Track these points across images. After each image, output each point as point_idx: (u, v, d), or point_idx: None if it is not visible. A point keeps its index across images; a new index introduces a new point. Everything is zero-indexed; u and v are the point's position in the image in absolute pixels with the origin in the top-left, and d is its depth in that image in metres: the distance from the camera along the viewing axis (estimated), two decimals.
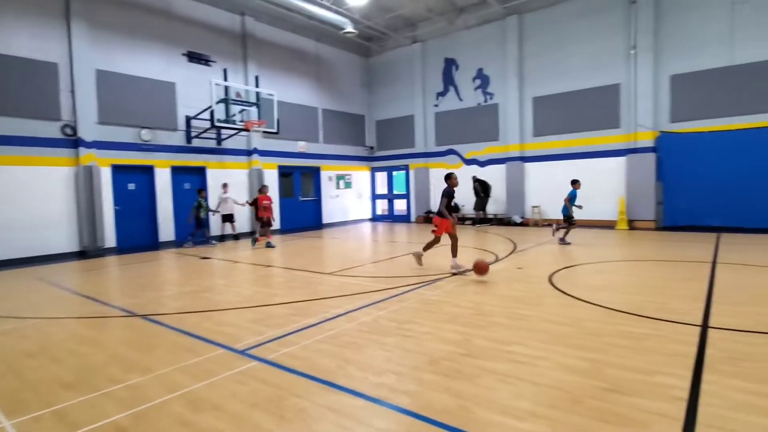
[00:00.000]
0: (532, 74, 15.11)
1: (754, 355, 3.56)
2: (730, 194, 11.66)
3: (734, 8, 11.60)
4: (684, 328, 4.26)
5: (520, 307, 5.15)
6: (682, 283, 6.19)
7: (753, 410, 2.72)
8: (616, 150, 13.56)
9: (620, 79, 13.41)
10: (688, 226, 12.20)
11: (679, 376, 3.20)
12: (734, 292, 5.58)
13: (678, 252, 8.76)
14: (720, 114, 11.94)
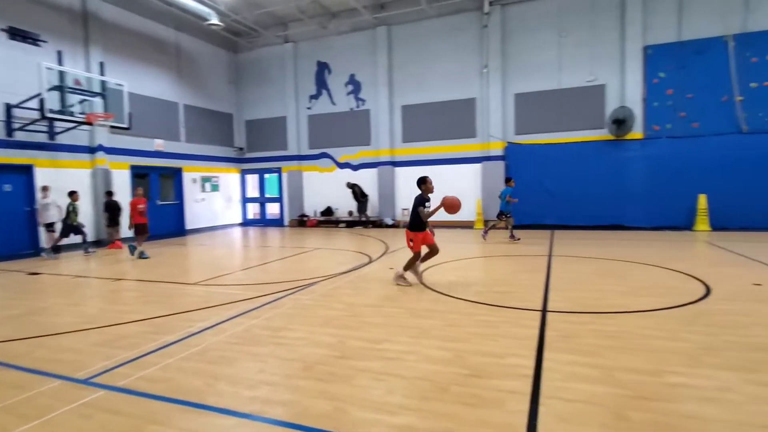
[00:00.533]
0: (401, 84, 15.98)
1: (581, 332, 4.25)
2: (562, 197, 13.81)
3: (560, 41, 13.80)
4: (528, 314, 4.89)
5: (392, 306, 5.38)
6: (526, 275, 7.11)
7: (582, 379, 3.24)
8: (474, 157, 15.06)
9: (475, 93, 14.95)
10: (530, 224, 14.10)
11: (525, 357, 3.66)
12: (565, 279, 6.60)
13: (522, 247, 10.06)
14: (553, 129, 14.08)
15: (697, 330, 4.21)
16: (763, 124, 11.99)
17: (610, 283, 6.32)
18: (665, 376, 3.24)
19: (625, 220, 13.12)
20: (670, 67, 12.74)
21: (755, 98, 12.04)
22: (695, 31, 12.46)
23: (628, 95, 13.07)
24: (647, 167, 12.95)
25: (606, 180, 13.29)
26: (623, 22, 13.06)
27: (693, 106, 12.60)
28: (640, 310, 4.90)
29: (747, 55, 12.03)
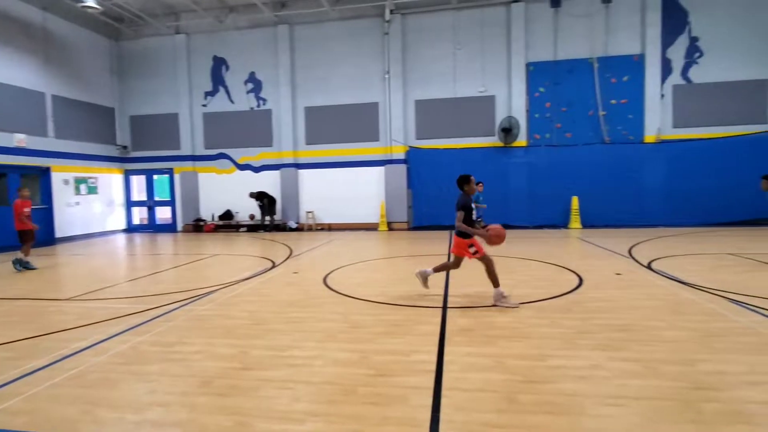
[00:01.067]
0: (304, 85, 15.75)
1: (476, 325, 4.56)
2: (453, 201, 14.68)
3: (455, 53, 14.72)
4: (430, 311, 5.12)
5: (297, 311, 5.27)
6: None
7: (479, 368, 3.47)
8: (377, 160, 15.38)
9: (378, 98, 15.30)
10: (432, 225, 14.80)
11: (428, 352, 3.83)
12: (462, 277, 7.02)
13: (424, 247, 10.51)
14: (450, 135, 14.94)
15: (572, 316, 4.75)
16: (621, 136, 13.99)
17: (501, 278, 6.86)
18: (548, 359, 3.61)
19: (511, 220, 14.38)
20: (548, 82, 14.28)
21: (614, 113, 14.01)
22: (567, 52, 14.13)
23: (515, 106, 14.37)
24: (530, 172, 14.37)
25: (496, 183, 14.42)
26: (509, 40, 14.34)
27: (566, 119, 14.26)
28: (526, 301, 5.39)
29: (607, 75, 13.95)
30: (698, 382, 3.14)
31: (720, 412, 2.72)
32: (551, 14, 14.17)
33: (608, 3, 13.83)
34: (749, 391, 2.98)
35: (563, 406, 2.85)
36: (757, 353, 3.62)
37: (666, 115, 13.85)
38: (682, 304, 5.14)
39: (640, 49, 13.82)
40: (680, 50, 13.69)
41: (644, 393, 2.99)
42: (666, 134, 13.79)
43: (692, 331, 4.18)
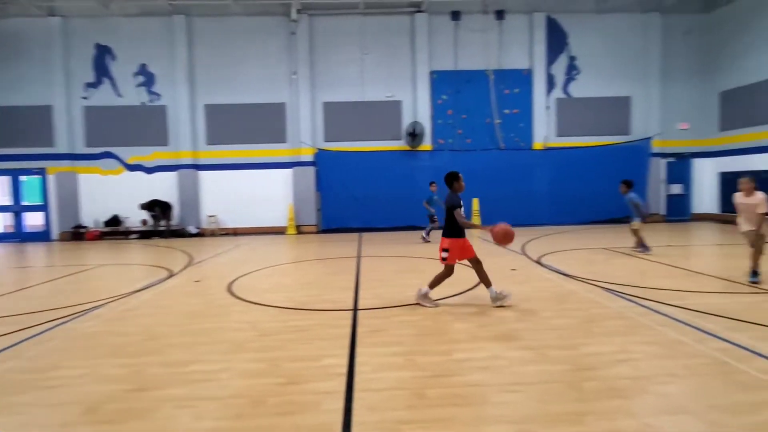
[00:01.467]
0: (205, 81, 14.82)
1: (386, 324, 4.64)
2: (367, 201, 14.89)
3: (363, 57, 14.92)
4: (340, 314, 5.11)
5: (199, 322, 4.93)
6: (337, 276, 7.42)
7: (389, 368, 3.53)
8: (285, 162, 15.00)
9: (285, 99, 14.93)
10: (341, 228, 14.80)
11: (339, 356, 3.81)
12: (373, 278, 7.13)
13: (333, 250, 10.47)
14: (359, 138, 15.08)
15: (474, 311, 5.07)
16: (514, 143, 15.27)
17: (410, 278, 7.10)
18: (454, 353, 3.80)
19: (419, 221, 14.93)
20: (450, 90, 15.11)
21: (508, 122, 15.24)
22: (466, 63, 15.07)
23: (420, 112, 14.97)
24: (434, 175, 14.99)
25: (403, 186, 14.90)
26: (414, 48, 14.90)
27: (467, 126, 15.20)
28: (434, 299, 5.62)
29: (502, 86, 15.15)
30: (580, 364, 3.52)
31: (598, 389, 3.08)
32: (452, 27, 15.02)
33: (501, 20, 15.03)
34: (621, 368, 3.41)
35: (468, 397, 3.01)
36: (626, 334, 4.17)
37: (551, 125, 15.41)
38: (566, 294, 5.75)
39: (528, 65, 15.21)
40: (562, 67, 15.34)
41: (537, 378, 3.28)
42: (551, 142, 15.35)
43: (574, 319, 4.69)
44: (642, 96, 15.47)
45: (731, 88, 14.69)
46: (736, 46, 14.45)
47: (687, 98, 15.64)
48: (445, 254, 5.20)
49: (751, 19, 13.89)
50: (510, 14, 15.05)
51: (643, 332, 4.21)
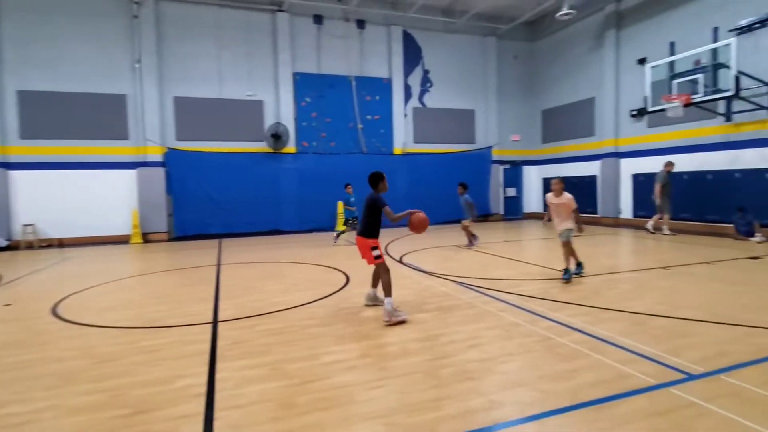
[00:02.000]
0: (16, 63, 12.24)
1: (251, 335, 4.41)
2: (226, 205, 13.99)
3: (220, 52, 14.01)
4: (197, 328, 4.69)
5: (15, 354, 4.05)
6: (193, 287, 6.82)
7: (254, 380, 3.35)
8: (127, 162, 13.24)
9: (127, 90, 13.20)
10: (197, 234, 13.63)
11: (197, 375, 3.49)
12: (235, 286, 6.72)
13: (188, 259, 9.60)
14: (216, 137, 14.09)
15: (341, 313, 5.12)
16: (376, 148, 15.92)
17: (274, 284, 6.88)
18: (321, 357, 3.78)
19: (282, 225, 14.62)
20: (314, 94, 15.09)
21: (370, 128, 15.83)
22: (329, 67, 15.23)
23: (283, 113, 14.63)
24: (299, 178, 14.87)
25: (265, 189, 14.41)
26: (276, 48, 14.51)
27: (331, 129, 15.36)
28: (298, 304, 5.54)
29: (363, 93, 15.68)
30: (438, 353, 3.82)
31: (453, 374, 3.37)
32: (315, 30, 15.03)
33: (362, 29, 15.57)
34: (471, 353, 3.79)
35: (336, 399, 3.03)
36: (475, 322, 4.65)
37: (408, 132, 16.48)
38: (425, 290, 6.19)
39: (388, 74, 16.03)
40: (417, 79, 16.52)
41: (400, 371, 3.46)
42: (409, 148, 16.40)
43: (432, 312, 5.07)
44: (483, 110, 17.53)
45: (550, 107, 17.55)
46: (553, 71, 17.32)
47: (518, 114, 18.21)
48: (377, 252, 5.01)
49: (563, 51, 16.79)
50: (370, 25, 15.67)
51: (487, 319, 4.75)
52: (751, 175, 10.93)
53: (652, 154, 13.50)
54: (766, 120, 10.56)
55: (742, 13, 10.89)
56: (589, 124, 15.72)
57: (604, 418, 2.70)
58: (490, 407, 2.87)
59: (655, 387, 3.07)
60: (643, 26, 13.64)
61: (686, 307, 4.99)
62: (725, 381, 3.14)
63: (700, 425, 2.58)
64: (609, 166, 14.82)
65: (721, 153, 11.61)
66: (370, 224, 5.05)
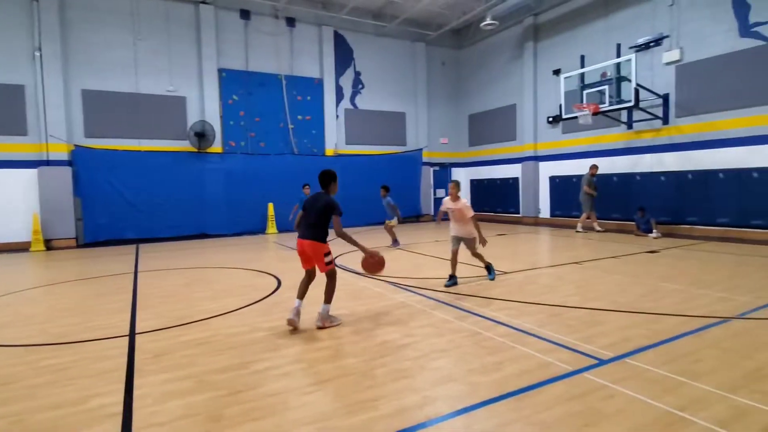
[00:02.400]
0: None
1: (173, 346, 4.14)
2: (145, 208, 13.02)
3: (137, 43, 13.02)
4: (111, 342, 4.32)
5: None
6: (106, 297, 6.26)
7: (177, 395, 3.14)
8: (26, 161, 11.87)
9: (26, 81, 11.85)
10: (110, 240, 12.56)
11: (112, 393, 3.20)
12: (155, 295, 6.26)
13: (100, 267, 8.81)
14: (132, 135, 13.08)
15: (273, 318, 4.97)
16: (307, 149, 15.68)
17: (199, 290, 6.51)
18: (252, 365, 3.64)
19: (209, 229, 13.90)
20: (242, 91, 14.53)
21: (301, 128, 15.57)
22: (258, 65, 14.77)
23: (208, 111, 13.92)
24: (226, 179, 14.22)
25: (189, 191, 13.63)
26: (200, 42, 13.78)
27: (260, 129, 14.88)
28: (226, 311, 5.29)
29: (294, 93, 15.38)
30: (373, 353, 3.83)
31: (387, 373, 3.40)
32: (242, 25, 14.49)
33: (292, 27, 15.27)
34: (405, 351, 3.85)
35: (268, 408, 2.92)
36: (408, 321, 4.73)
37: (341, 133, 16.42)
38: (359, 291, 6.19)
39: (319, 74, 15.87)
40: (349, 80, 16.52)
41: (334, 373, 3.42)
42: (341, 149, 16.36)
43: (366, 312, 5.08)
44: (413, 113, 17.94)
45: (476, 112, 18.38)
46: (478, 78, 18.15)
47: (446, 117, 18.86)
48: (329, 259, 4.65)
49: (488, 59, 17.66)
50: (301, 23, 15.42)
51: (420, 317, 4.86)
52: (648, 177, 12.23)
53: (566, 158, 14.62)
54: (660, 129, 11.87)
55: (640, 32, 12.16)
56: (512, 129, 16.68)
57: (528, 405, 2.86)
58: (424, 403, 2.93)
59: (572, 373, 3.32)
60: (557, 40, 14.74)
61: (595, 298, 5.46)
62: (630, 364, 3.47)
63: (610, 406, 2.83)
64: (529, 168, 15.82)
65: (624, 158, 12.86)
66: (324, 228, 4.64)
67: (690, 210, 11.35)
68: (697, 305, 5.04)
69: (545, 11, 15.02)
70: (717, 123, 10.75)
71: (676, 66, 11.41)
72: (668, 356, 3.59)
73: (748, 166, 10.24)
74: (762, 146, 10.01)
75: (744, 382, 3.11)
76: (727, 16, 10.43)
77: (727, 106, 10.53)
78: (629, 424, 2.62)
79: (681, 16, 11.30)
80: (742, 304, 5.02)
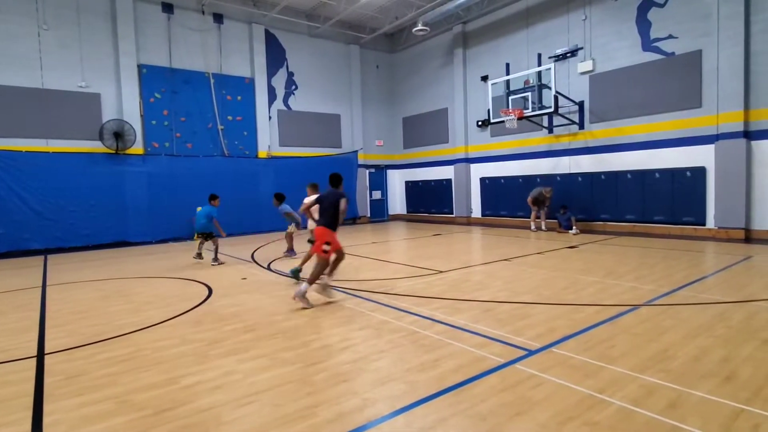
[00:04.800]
0: None
1: (89, 366, 3.78)
2: (53, 216, 11.80)
3: (43, 34, 11.81)
4: (15, 365, 3.86)
5: None
6: (7, 316, 5.58)
7: (95, 419, 2.87)
8: None
9: None
10: (12, 252, 11.25)
11: (17, 422, 2.86)
12: (67, 310, 5.70)
13: (1, 282, 7.87)
14: (37, 134, 11.82)
15: (204, 328, 4.71)
16: (239, 151, 15.10)
17: (119, 303, 6.02)
18: (181, 380, 3.42)
19: (129, 236, 12.89)
20: (165, 89, 13.67)
21: (232, 129, 14.96)
22: (183, 62, 13.99)
23: (126, 109, 12.95)
24: (149, 182, 13.27)
25: (106, 196, 12.56)
26: (116, 35, 12.79)
27: (186, 129, 14.10)
28: (151, 324, 4.94)
29: (224, 92, 14.75)
30: (310, 358, 3.76)
31: (326, 378, 3.35)
32: (164, 19, 13.66)
33: (220, 24, 14.65)
34: (344, 355, 3.81)
35: (200, 424, 2.76)
36: (347, 324, 4.70)
37: (274, 135, 16.01)
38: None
39: (250, 74, 15.36)
40: (281, 81, 16.16)
41: (272, 383, 3.31)
42: (275, 151, 15.94)
43: (303, 318, 4.98)
44: (348, 115, 17.93)
45: (410, 115, 18.75)
46: (412, 82, 18.54)
47: (381, 120, 19.06)
48: (326, 247, 5.54)
49: (420, 64, 18.09)
50: (229, 20, 14.84)
51: (359, 319, 4.85)
52: (567, 178, 13.18)
53: (495, 160, 15.36)
54: (577, 133, 12.85)
55: (558, 43, 13.09)
56: (444, 132, 17.22)
57: (465, 399, 2.95)
58: (364, 406, 2.91)
59: (504, 365, 3.47)
60: (485, 47, 15.45)
61: (523, 292, 5.77)
62: (556, 353, 3.70)
63: (539, 393, 2.99)
64: (461, 170, 16.42)
65: (546, 160, 13.76)
66: (335, 218, 5.64)
67: (603, 208, 12.40)
68: (611, 295, 5.50)
69: (473, 20, 15.68)
70: (624, 128, 11.85)
71: (590, 76, 12.42)
72: (588, 343, 3.88)
73: (650, 167, 11.39)
74: (662, 149, 11.18)
75: (651, 363, 3.43)
76: (631, 32, 11.54)
77: (633, 113, 11.64)
78: (556, 409, 2.79)
79: (593, 30, 12.32)
80: (648, 292, 5.56)
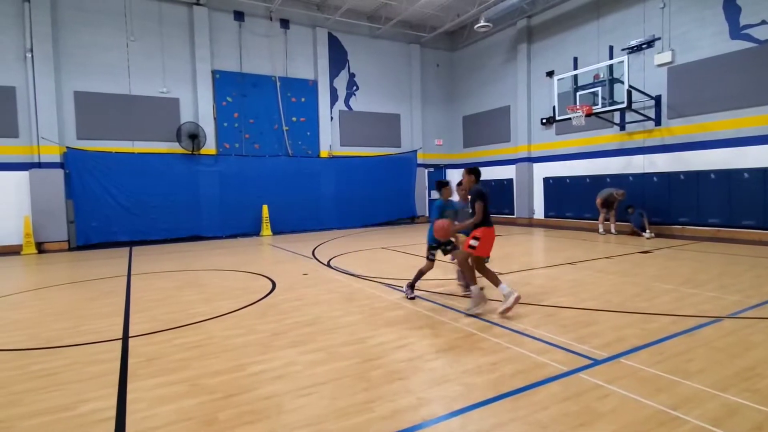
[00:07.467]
0: None
1: (166, 350, 4.11)
2: (137, 211, 12.93)
3: (130, 45, 12.95)
4: (103, 346, 4.28)
5: None
6: (98, 301, 6.20)
7: (170, 399, 3.11)
8: (17, 163, 11.76)
9: (16, 82, 11.73)
10: (103, 243, 12.46)
11: (104, 397, 3.17)
12: (147, 298, 6.22)
13: (93, 270, 8.73)
14: (125, 137, 13.00)
15: (267, 320, 4.95)
16: (302, 150, 15.66)
17: (193, 293, 6.47)
18: (246, 368, 3.61)
19: (202, 231, 13.82)
20: (236, 93, 14.49)
21: (296, 129, 15.54)
22: (252, 67, 14.73)
23: (201, 112, 13.87)
24: (220, 181, 14.17)
25: (183, 193, 13.56)
26: (193, 43, 13.74)
27: (254, 130, 14.84)
28: (220, 314, 5.26)
29: (288, 94, 15.35)
30: (367, 355, 3.82)
31: (382, 375, 3.39)
32: (236, 27, 14.46)
33: (286, 29, 15.25)
34: (400, 353, 3.84)
35: (263, 411, 2.91)
36: (402, 323, 4.73)
37: (335, 135, 16.41)
38: (354, 293, 6.17)
39: (314, 76, 15.86)
40: (343, 82, 16.52)
41: (329, 376, 3.41)
42: (336, 151, 16.34)
43: (361, 314, 5.07)
44: (408, 114, 17.96)
45: (470, 114, 18.43)
46: (472, 80, 18.21)
47: (440, 119, 18.90)
48: (473, 243, 5.02)
49: (482, 61, 17.72)
50: (295, 25, 15.41)
51: (415, 319, 4.85)
52: (640, 178, 12.31)
53: (560, 159, 14.69)
54: (652, 130, 11.97)
55: (632, 34, 12.26)
56: (506, 130, 16.74)
57: (524, 406, 2.86)
58: (419, 405, 2.92)
59: (567, 374, 3.32)
60: (550, 42, 14.82)
61: (588, 298, 5.48)
62: (624, 363, 3.48)
63: (605, 405, 2.84)
64: (523, 170, 15.88)
65: (617, 159, 12.94)
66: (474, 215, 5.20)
67: (681, 210, 11.44)
68: (688, 305, 5.08)
69: (538, 13, 15.10)
70: (708, 124, 10.86)
71: (668, 68, 11.52)
72: (661, 356, 3.61)
73: (738, 166, 10.35)
74: (752, 147, 10.12)
75: (735, 380, 3.13)
76: (717, 18, 10.55)
77: (718, 107, 10.63)
78: (623, 422, 2.62)
79: (672, 19, 11.41)
80: (733, 304, 5.06)
